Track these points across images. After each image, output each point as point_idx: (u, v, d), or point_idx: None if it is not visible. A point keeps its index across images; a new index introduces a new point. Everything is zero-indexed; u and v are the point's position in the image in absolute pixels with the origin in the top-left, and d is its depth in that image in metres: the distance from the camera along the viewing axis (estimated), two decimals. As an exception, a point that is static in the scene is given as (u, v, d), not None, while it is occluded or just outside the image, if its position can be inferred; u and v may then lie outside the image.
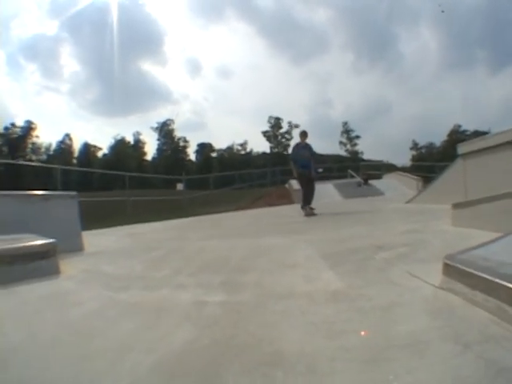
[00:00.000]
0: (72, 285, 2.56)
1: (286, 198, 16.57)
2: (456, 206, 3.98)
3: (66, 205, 4.41)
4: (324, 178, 24.19)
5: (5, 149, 50.04)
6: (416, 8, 67.06)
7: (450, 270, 1.70)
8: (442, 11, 47.10)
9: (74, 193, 4.62)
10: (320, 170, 30.95)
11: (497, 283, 1.36)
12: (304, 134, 8.46)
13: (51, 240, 2.97)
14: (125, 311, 1.93)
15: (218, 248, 3.97)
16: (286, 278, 2.33)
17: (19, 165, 40.75)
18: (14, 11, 73.59)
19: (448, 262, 1.73)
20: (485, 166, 5.94)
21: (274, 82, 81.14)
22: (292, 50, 78.64)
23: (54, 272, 2.83)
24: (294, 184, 20.61)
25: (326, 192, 16.00)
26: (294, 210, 9.00)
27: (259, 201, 16.86)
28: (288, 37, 75.03)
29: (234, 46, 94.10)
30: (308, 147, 8.27)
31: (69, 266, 3.04)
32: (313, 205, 7.89)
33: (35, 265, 2.78)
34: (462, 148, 6.79)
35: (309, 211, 7.74)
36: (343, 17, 76.55)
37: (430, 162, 26.73)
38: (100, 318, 1.84)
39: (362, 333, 1.26)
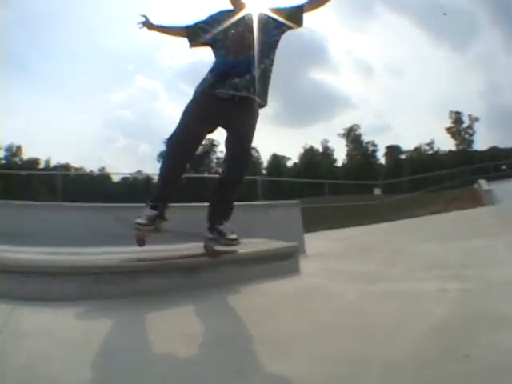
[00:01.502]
0: (319, 280, 3.15)
1: (475, 201, 15.19)
2: None
3: (290, 212, 5.23)
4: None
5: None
6: None
7: None
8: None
9: (296, 201, 5.44)
10: (503, 166, 25.35)
11: None
12: None
13: (293, 243, 3.64)
14: (382, 298, 2.40)
15: (434, 250, 4.23)
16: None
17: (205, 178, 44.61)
18: (155, 44, 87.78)
19: None
20: None
21: (442, 72, 74.30)
22: (449, 36, 68.92)
23: (295, 271, 3.44)
24: (484, 184, 17.59)
25: None
26: (486, 212, 9.07)
27: (450, 204, 15.94)
28: (440, 23, 66.92)
29: (394, 40, 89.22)
30: (266, 21, 2.99)
31: (303, 266, 3.60)
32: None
33: (280, 264, 3.44)
34: None
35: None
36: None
37: None
38: (363, 303, 2.34)
39: None
